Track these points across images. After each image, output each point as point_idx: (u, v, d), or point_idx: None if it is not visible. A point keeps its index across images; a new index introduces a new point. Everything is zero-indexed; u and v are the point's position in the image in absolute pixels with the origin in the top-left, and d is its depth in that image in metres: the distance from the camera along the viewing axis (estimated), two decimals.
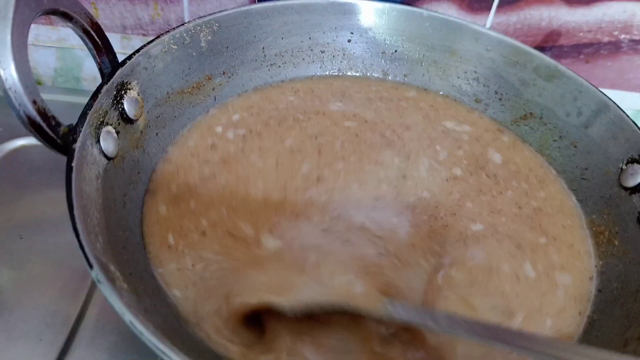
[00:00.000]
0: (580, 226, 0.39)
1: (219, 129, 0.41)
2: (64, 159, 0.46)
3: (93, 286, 0.40)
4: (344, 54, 0.47)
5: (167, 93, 0.39)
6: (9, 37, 0.27)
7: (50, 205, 0.46)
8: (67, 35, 0.53)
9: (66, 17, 0.32)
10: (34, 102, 0.28)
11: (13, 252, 0.41)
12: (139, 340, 0.37)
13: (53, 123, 0.29)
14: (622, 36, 0.52)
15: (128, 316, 0.23)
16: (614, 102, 0.40)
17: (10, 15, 0.27)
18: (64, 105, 0.55)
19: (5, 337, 0.37)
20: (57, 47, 0.54)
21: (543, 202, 0.40)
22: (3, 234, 0.42)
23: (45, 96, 0.30)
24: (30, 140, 0.50)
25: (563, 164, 0.42)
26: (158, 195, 0.36)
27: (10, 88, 0.27)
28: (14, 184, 0.47)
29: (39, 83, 0.57)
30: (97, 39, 0.35)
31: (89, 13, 0.34)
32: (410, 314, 0.29)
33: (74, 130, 0.30)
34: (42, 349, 0.36)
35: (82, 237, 0.26)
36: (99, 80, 0.56)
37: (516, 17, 0.51)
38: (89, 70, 0.56)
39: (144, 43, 0.52)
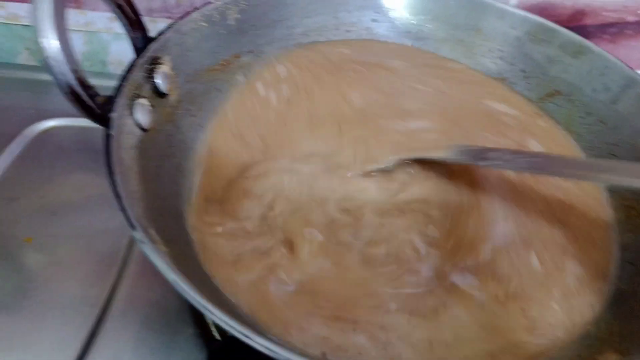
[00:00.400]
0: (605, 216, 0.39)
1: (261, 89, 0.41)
2: (93, 140, 0.47)
3: (124, 263, 0.41)
4: (369, 33, 0.47)
5: (197, 70, 0.39)
6: (49, 7, 0.28)
7: (80, 186, 0.46)
8: (94, 19, 0.54)
9: None
10: (74, 71, 0.29)
11: (46, 231, 0.42)
12: (171, 310, 0.38)
13: (91, 92, 0.30)
14: None
15: (171, 275, 0.24)
16: None
17: None
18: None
19: (42, 310, 0.38)
20: (85, 31, 0.54)
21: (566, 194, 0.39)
22: (36, 213, 0.43)
23: None
24: (59, 122, 0.51)
25: (591, 141, 0.42)
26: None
27: (51, 57, 0.28)
28: (44, 165, 0.48)
29: None
30: (131, 14, 0.35)
31: None
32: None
33: (111, 100, 0.31)
34: (78, 321, 0.37)
35: (124, 200, 0.26)
36: (125, 64, 0.57)
37: None
38: (115, 54, 0.56)
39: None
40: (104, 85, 0.57)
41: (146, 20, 0.52)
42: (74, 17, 0.53)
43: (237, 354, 0.34)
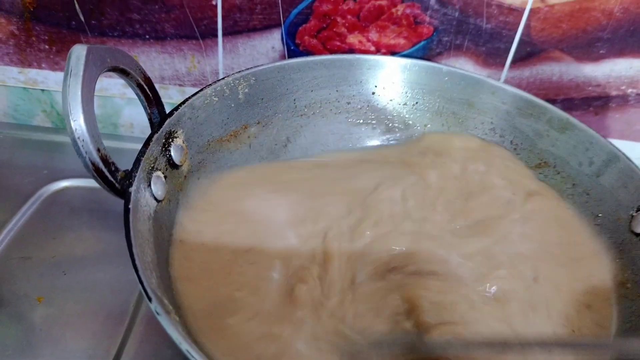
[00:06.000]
0: None
1: None
2: (103, 200, 0.49)
3: (131, 323, 0.42)
4: (368, 105, 0.50)
5: (208, 141, 0.42)
6: (79, 92, 0.31)
7: (91, 244, 0.48)
8: (109, 86, 0.57)
9: (124, 73, 0.36)
10: (98, 150, 0.31)
11: (56, 289, 0.44)
12: None
13: (113, 169, 0.32)
14: (630, 90, 0.55)
15: (185, 345, 0.26)
16: (623, 153, 0.43)
17: (81, 73, 0.31)
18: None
19: None
20: (99, 95, 0.58)
21: None
22: (47, 271, 0.45)
23: None
24: (72, 183, 0.53)
25: (577, 211, 0.45)
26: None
27: (79, 138, 0.30)
28: (56, 224, 0.49)
29: None
30: (149, 92, 0.38)
31: (143, 69, 0.38)
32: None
33: (129, 175, 0.33)
34: None
35: (140, 272, 0.28)
36: (135, 127, 0.60)
37: (529, 72, 0.54)
38: (127, 118, 0.59)
39: (180, 92, 0.56)
40: (114, 146, 0.59)
41: (157, 87, 0.56)
42: None
43: None
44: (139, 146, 0.35)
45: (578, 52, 0.53)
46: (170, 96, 0.56)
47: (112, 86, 0.57)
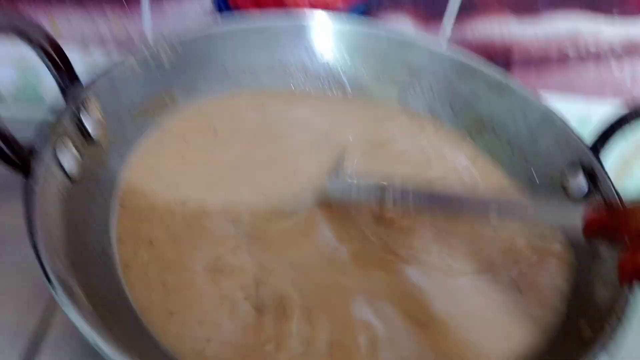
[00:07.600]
0: None
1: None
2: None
3: (53, 300, 0.40)
4: (305, 72, 0.48)
5: (130, 111, 0.39)
6: None
7: (17, 216, 0.45)
8: (29, 52, 0.52)
9: (23, 35, 0.32)
10: None
11: None
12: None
13: (13, 143, 0.29)
14: (569, 49, 0.55)
15: (92, 336, 0.24)
16: (558, 114, 0.43)
17: None
18: (25, 120, 0.54)
19: None
20: (18, 63, 0.53)
21: None
22: None
23: (5, 111, 0.30)
24: None
25: (513, 171, 0.45)
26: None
27: None
28: None
29: None
30: (56, 58, 0.35)
31: (48, 32, 0.34)
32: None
33: (33, 151, 0.30)
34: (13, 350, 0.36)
35: (42, 254, 0.26)
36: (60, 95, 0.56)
37: (470, 31, 0.53)
38: (50, 85, 0.55)
39: (106, 58, 0.52)
40: (39, 117, 0.56)
41: (80, 52, 0.52)
42: (6, 50, 0.52)
43: None
44: None
45: (518, 6, 0.51)
46: (95, 61, 0.53)
47: (34, 55, 0.52)
